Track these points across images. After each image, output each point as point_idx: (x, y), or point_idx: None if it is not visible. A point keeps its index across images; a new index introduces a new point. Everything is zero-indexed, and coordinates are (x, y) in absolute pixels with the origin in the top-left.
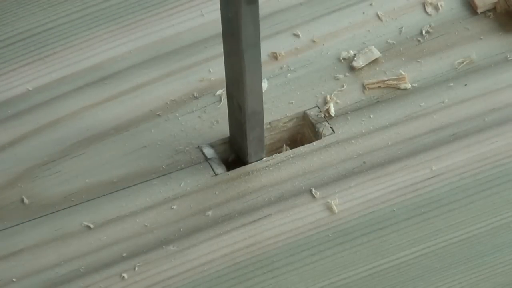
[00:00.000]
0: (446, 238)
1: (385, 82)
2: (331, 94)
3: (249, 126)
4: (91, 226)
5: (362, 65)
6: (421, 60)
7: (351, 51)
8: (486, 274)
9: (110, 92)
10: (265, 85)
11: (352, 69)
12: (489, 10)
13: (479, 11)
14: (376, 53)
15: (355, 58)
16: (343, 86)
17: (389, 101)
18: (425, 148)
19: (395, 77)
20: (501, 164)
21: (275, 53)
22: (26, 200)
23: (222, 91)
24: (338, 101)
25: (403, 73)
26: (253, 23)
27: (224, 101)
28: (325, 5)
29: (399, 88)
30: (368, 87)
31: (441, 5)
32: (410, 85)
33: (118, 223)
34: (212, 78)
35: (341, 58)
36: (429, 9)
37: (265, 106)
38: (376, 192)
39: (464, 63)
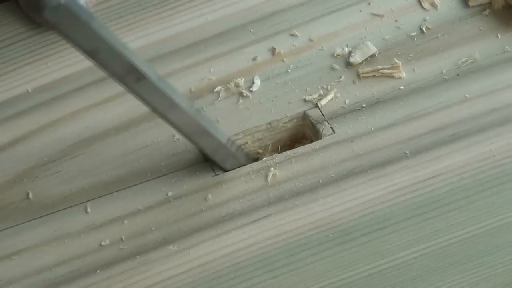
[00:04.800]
0: (446, 238)
1: (380, 71)
2: (331, 88)
3: (220, 159)
4: (91, 226)
5: (359, 61)
6: (421, 59)
7: (346, 49)
8: (486, 274)
9: (110, 92)
10: (258, 82)
11: (349, 65)
12: (483, 5)
13: (471, 4)
14: (372, 48)
15: (352, 54)
16: (343, 84)
17: (389, 101)
18: (425, 148)
19: (389, 66)
20: (501, 164)
21: (275, 48)
22: (31, 195)
23: (220, 88)
24: (338, 94)
25: (398, 62)
26: (155, 93)
27: (223, 99)
28: (325, 5)
29: (393, 77)
30: (362, 76)
31: (438, 3)
32: (404, 74)
33: (118, 223)
34: (212, 78)
35: (335, 54)
36: (427, 7)
37: (265, 106)
38: (376, 192)
39: (467, 62)
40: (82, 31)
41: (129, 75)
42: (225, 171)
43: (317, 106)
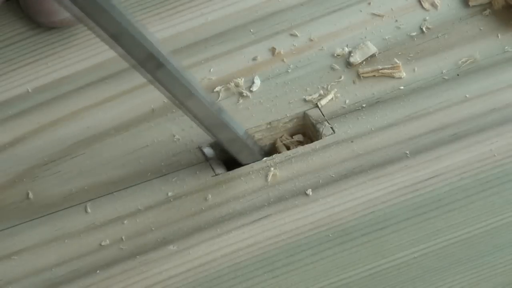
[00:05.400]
0: (446, 238)
1: (380, 71)
2: (331, 88)
3: (235, 151)
4: (91, 226)
5: (359, 61)
6: (421, 59)
7: (346, 49)
8: (486, 274)
9: (110, 92)
10: (258, 82)
11: (349, 65)
12: (484, 5)
13: (471, 4)
14: (372, 48)
15: (352, 54)
16: (343, 84)
17: (389, 101)
18: (425, 148)
19: (389, 66)
20: (501, 164)
21: (275, 48)
22: (31, 195)
23: (220, 88)
24: (338, 94)
25: (398, 62)
26: (175, 81)
27: (223, 99)
28: (325, 5)
29: (393, 77)
30: (362, 76)
31: (438, 3)
32: (404, 74)
33: (118, 223)
34: (212, 78)
35: (336, 54)
36: (427, 7)
37: (265, 106)
38: (376, 192)
39: (467, 62)
40: (106, 15)
41: (150, 62)
42: (241, 164)
43: (317, 106)
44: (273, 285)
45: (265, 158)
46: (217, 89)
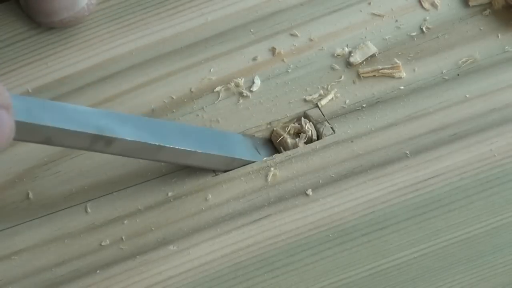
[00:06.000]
0: (446, 238)
1: (380, 71)
2: (331, 88)
3: (224, 168)
4: (91, 226)
5: (359, 61)
6: (421, 59)
7: (346, 49)
8: (486, 274)
9: (110, 92)
10: (258, 82)
11: (349, 64)
12: (484, 5)
13: (471, 4)
14: (373, 48)
15: (352, 54)
16: (343, 84)
17: (389, 101)
18: (425, 148)
19: (389, 66)
20: (501, 164)
21: (275, 48)
22: (31, 195)
23: (221, 88)
24: (338, 94)
25: (398, 62)
26: (134, 145)
27: (223, 99)
28: (325, 5)
29: (393, 77)
30: (362, 76)
31: (438, 3)
32: (404, 74)
33: (118, 223)
34: (212, 78)
35: (336, 54)
36: (427, 7)
37: (265, 106)
38: (376, 192)
39: (467, 62)
40: (33, 131)
41: (97, 144)
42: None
43: (317, 106)
44: (273, 285)
45: (265, 158)
46: (217, 89)
